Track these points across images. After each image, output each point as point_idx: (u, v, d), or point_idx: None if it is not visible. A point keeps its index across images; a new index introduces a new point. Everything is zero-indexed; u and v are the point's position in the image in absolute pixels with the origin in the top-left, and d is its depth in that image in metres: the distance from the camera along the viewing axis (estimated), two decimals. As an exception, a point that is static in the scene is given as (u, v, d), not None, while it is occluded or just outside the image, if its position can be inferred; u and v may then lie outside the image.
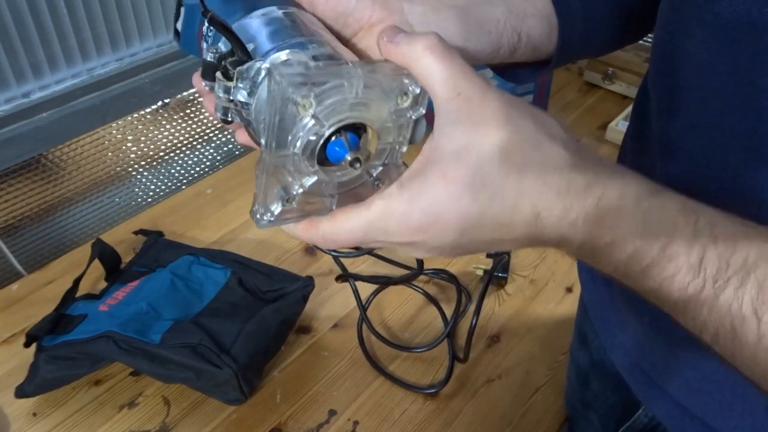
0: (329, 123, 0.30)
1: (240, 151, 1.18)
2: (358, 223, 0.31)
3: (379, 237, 0.31)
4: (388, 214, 0.30)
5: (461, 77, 0.30)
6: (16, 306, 0.82)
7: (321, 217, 0.33)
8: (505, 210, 0.30)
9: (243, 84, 0.32)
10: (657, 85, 0.42)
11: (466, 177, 0.29)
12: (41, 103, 0.86)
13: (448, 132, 0.30)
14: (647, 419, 0.55)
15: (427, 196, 0.29)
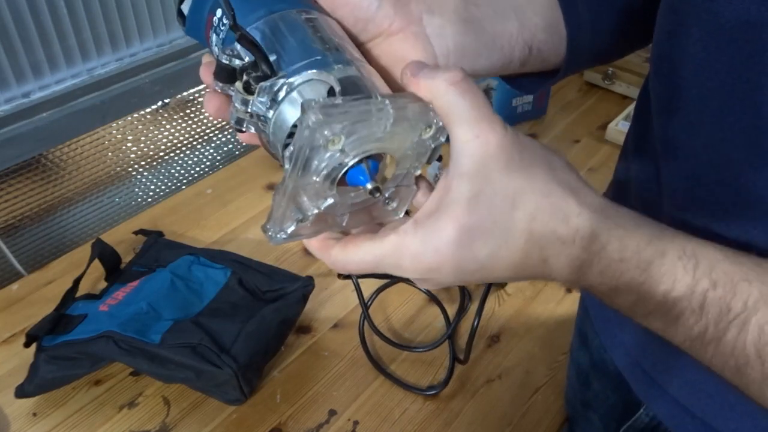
0: (354, 153, 0.31)
1: (240, 151, 1.18)
2: (370, 256, 0.33)
3: (390, 270, 0.33)
4: (400, 251, 0.32)
5: (481, 118, 0.31)
6: (16, 306, 0.82)
7: (334, 243, 0.34)
8: (515, 255, 0.31)
9: (263, 98, 0.32)
10: (657, 85, 0.42)
11: (478, 223, 0.30)
12: (41, 103, 0.86)
13: (463, 175, 0.31)
14: (648, 419, 0.55)
15: (440, 239, 0.31)
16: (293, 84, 0.32)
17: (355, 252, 0.33)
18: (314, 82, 0.32)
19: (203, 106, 0.37)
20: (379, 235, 0.33)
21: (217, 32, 0.37)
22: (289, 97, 0.32)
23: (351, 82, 0.32)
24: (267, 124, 0.33)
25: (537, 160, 0.32)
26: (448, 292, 0.84)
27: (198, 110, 1.08)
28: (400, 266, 0.32)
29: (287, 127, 0.32)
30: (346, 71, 0.33)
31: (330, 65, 0.32)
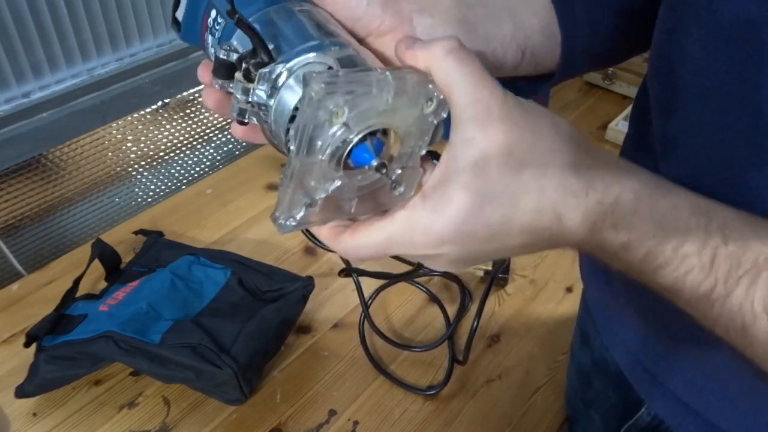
0: (358, 129, 0.30)
1: (240, 151, 1.18)
2: (381, 236, 0.32)
3: (402, 250, 0.32)
4: (411, 226, 0.31)
5: (480, 83, 0.30)
6: (16, 306, 0.82)
7: (343, 229, 0.33)
8: (528, 215, 0.30)
9: (264, 86, 0.32)
10: (656, 85, 0.42)
11: (487, 186, 0.29)
12: (41, 103, 0.86)
13: (467, 141, 0.30)
14: (650, 418, 0.55)
15: (451, 207, 0.30)
16: (292, 68, 0.32)
17: (366, 235, 0.32)
18: (313, 65, 0.32)
19: (203, 102, 0.37)
20: (389, 214, 0.32)
21: (213, 33, 0.37)
22: (289, 81, 0.32)
23: (349, 61, 0.32)
24: (268, 112, 0.32)
25: (541, 120, 0.31)
26: (449, 291, 0.84)
27: (198, 110, 1.08)
28: (412, 242, 0.31)
29: (288, 110, 0.32)
30: (343, 52, 0.33)
31: (327, 47, 0.32)
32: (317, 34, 0.33)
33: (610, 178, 0.31)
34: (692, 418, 0.48)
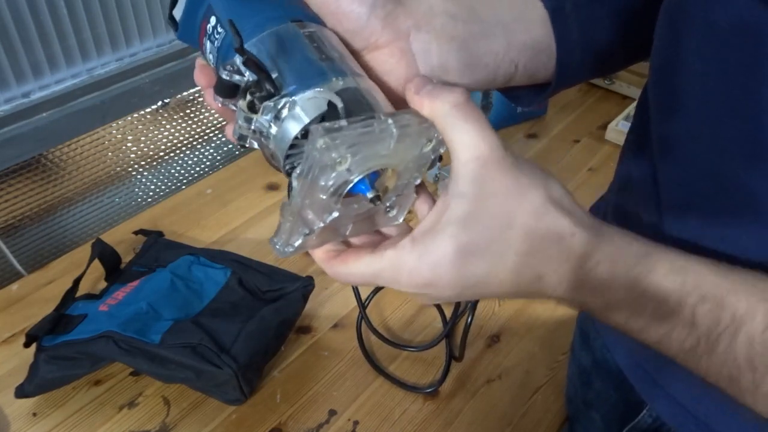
0: (359, 171, 0.32)
1: (240, 151, 1.18)
2: (369, 269, 0.34)
3: (388, 283, 0.34)
4: (398, 266, 0.33)
5: (482, 141, 0.31)
6: (16, 306, 0.82)
7: (335, 254, 0.35)
8: (510, 273, 0.32)
9: (267, 116, 0.33)
10: (656, 90, 0.42)
11: (473, 243, 0.31)
12: (41, 103, 0.86)
13: (461, 194, 0.32)
14: (651, 419, 0.55)
15: (437, 255, 0.32)
16: (296, 102, 0.32)
17: (354, 265, 0.34)
18: (316, 99, 0.32)
19: (203, 106, 0.38)
20: (378, 251, 0.34)
21: (212, 40, 0.37)
22: (292, 113, 0.32)
23: (352, 95, 0.33)
24: (269, 138, 0.33)
25: (534, 183, 0.32)
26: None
27: (198, 110, 1.08)
28: (397, 280, 0.33)
29: (289, 140, 0.33)
30: (346, 84, 0.33)
31: (329, 79, 0.33)
32: (321, 62, 0.34)
33: (589, 245, 0.32)
34: (693, 420, 0.48)
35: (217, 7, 0.37)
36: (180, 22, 0.39)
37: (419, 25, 0.38)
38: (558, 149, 1.14)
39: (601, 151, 1.13)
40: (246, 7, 0.36)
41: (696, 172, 0.39)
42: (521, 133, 1.18)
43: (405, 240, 0.33)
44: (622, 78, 1.25)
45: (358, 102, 0.33)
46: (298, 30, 0.35)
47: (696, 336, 0.32)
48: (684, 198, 0.41)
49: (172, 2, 0.39)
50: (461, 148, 0.31)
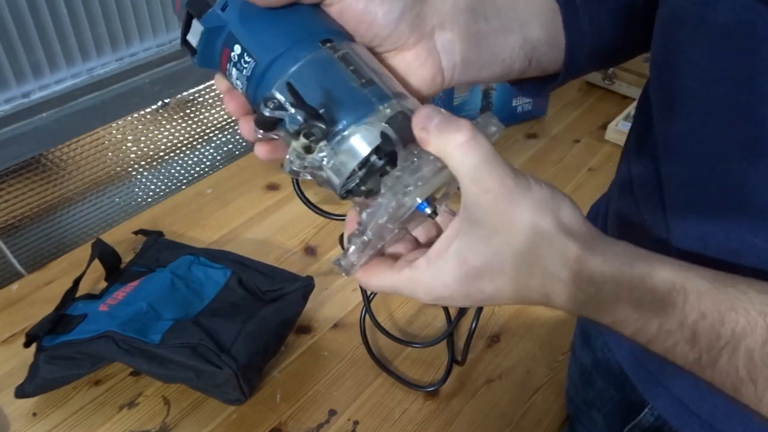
0: (424, 198, 0.36)
1: (240, 151, 1.18)
2: (388, 283, 0.38)
3: (406, 295, 0.38)
4: (414, 283, 0.36)
5: (490, 176, 0.33)
6: (16, 306, 0.82)
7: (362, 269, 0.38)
8: (519, 292, 0.35)
9: (323, 154, 0.35)
10: (658, 92, 0.42)
11: (484, 266, 0.34)
12: (41, 103, 0.86)
13: (472, 223, 0.34)
14: (653, 418, 0.55)
15: (449, 276, 0.35)
16: (350, 137, 0.34)
17: (377, 279, 0.38)
18: (369, 131, 0.34)
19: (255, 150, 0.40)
20: (396, 268, 0.37)
21: (239, 68, 0.37)
22: (348, 147, 0.34)
23: (400, 120, 0.35)
24: (323, 170, 0.35)
25: (543, 207, 0.34)
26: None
27: (198, 110, 1.08)
28: (414, 293, 0.37)
29: (347, 171, 0.35)
30: (392, 109, 0.35)
31: (377, 109, 0.35)
32: (364, 90, 0.35)
33: (596, 268, 0.34)
34: (695, 418, 0.48)
35: (240, 35, 0.36)
36: (198, 48, 0.38)
37: (444, 24, 0.39)
38: (558, 149, 1.14)
39: (601, 151, 1.13)
40: (270, 33, 0.36)
41: (698, 171, 0.40)
42: (521, 133, 1.18)
43: (420, 260, 0.36)
44: (622, 78, 1.25)
45: (406, 126, 0.35)
46: (332, 55, 0.36)
47: (698, 351, 0.34)
48: (687, 197, 0.41)
49: (183, 28, 0.39)
50: (470, 184, 0.33)
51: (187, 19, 0.38)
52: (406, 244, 0.41)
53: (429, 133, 0.33)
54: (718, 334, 0.33)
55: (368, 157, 0.35)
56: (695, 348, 0.34)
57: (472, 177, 0.33)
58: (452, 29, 0.39)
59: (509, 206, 0.33)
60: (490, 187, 0.33)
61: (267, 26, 0.36)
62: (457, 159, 0.33)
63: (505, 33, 0.41)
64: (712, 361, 0.33)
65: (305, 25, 0.37)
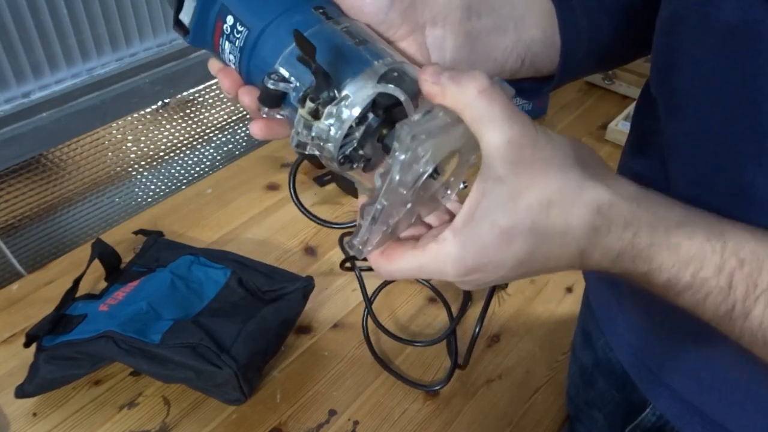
0: (434, 161, 0.33)
1: (240, 151, 1.18)
2: (415, 264, 0.34)
3: (433, 275, 0.34)
4: (442, 258, 0.33)
5: (514, 123, 0.31)
6: (16, 306, 0.82)
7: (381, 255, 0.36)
8: (553, 249, 0.33)
9: (330, 120, 0.33)
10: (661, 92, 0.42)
11: (516, 225, 0.31)
12: (41, 103, 0.86)
13: (498, 179, 0.31)
14: (655, 418, 0.55)
15: (480, 242, 0.32)
16: (346, 95, 0.33)
17: (399, 262, 0.35)
18: (364, 86, 0.33)
19: (250, 130, 0.38)
20: (420, 245, 0.34)
21: (231, 40, 0.37)
22: (344, 103, 0.33)
23: (396, 77, 0.34)
24: (330, 141, 0.34)
25: (569, 158, 0.32)
26: (452, 288, 0.84)
27: (198, 110, 1.08)
28: (443, 271, 0.33)
29: (344, 129, 0.33)
30: (390, 65, 0.34)
31: (372, 63, 0.34)
32: (368, 55, 0.34)
33: (630, 214, 0.33)
34: (698, 418, 0.48)
35: (232, 4, 0.36)
36: (191, 25, 0.38)
37: (435, 20, 0.38)
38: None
39: (601, 151, 1.13)
40: (263, 1, 0.36)
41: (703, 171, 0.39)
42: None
43: (446, 232, 0.33)
44: (622, 78, 1.25)
45: (406, 80, 0.34)
46: (326, 19, 0.35)
47: (732, 301, 0.33)
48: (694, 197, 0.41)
49: (177, 6, 0.38)
50: (492, 133, 0.31)
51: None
52: (419, 228, 0.38)
53: (442, 85, 0.31)
54: (755, 283, 0.32)
55: (364, 112, 0.33)
56: (729, 297, 0.33)
57: (496, 125, 0.31)
58: (444, 26, 0.39)
59: (534, 155, 0.31)
60: (514, 134, 0.31)
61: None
62: (478, 107, 0.31)
63: (498, 32, 0.41)
64: (745, 311, 0.33)
65: None
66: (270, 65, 0.36)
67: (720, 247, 0.33)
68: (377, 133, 0.35)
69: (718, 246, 0.33)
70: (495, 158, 0.31)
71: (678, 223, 0.33)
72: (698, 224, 0.33)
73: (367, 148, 0.35)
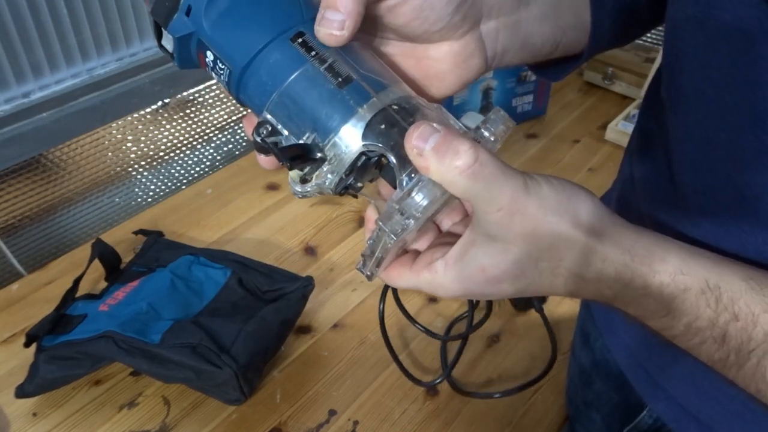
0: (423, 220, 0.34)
1: (240, 151, 1.18)
2: (409, 283, 0.37)
3: (427, 292, 0.38)
4: (433, 285, 0.36)
5: (500, 195, 0.31)
6: (16, 306, 0.82)
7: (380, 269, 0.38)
8: (542, 290, 0.35)
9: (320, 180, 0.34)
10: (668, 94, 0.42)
11: (505, 272, 0.33)
12: (41, 103, 0.86)
13: (488, 236, 0.33)
14: (652, 420, 0.55)
15: (469, 280, 0.34)
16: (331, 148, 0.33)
17: (397, 278, 0.38)
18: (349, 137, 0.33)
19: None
20: (415, 270, 0.37)
21: (216, 73, 0.36)
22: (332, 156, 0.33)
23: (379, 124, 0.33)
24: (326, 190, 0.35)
25: (560, 211, 0.32)
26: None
27: (198, 110, 1.08)
28: (435, 292, 0.37)
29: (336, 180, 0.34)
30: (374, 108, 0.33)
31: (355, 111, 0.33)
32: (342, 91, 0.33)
33: (622, 267, 0.33)
34: (694, 423, 0.48)
35: (210, 41, 0.35)
36: (174, 53, 0.37)
37: (491, 12, 0.38)
38: (558, 149, 1.14)
39: (601, 151, 1.13)
40: (239, 35, 0.34)
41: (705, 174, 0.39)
42: (521, 133, 1.18)
43: (438, 264, 0.35)
44: (622, 78, 1.25)
45: (392, 123, 0.33)
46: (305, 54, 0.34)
47: (726, 350, 0.33)
48: (698, 200, 0.41)
49: (156, 33, 0.37)
50: (480, 204, 0.31)
51: (155, 26, 0.37)
52: (427, 235, 0.40)
53: (426, 159, 0.31)
54: (749, 336, 0.32)
55: (352, 167, 0.34)
56: (723, 348, 0.33)
57: (481, 200, 0.31)
58: (497, 16, 0.38)
59: (524, 219, 0.32)
60: (501, 205, 0.31)
61: (235, 27, 0.34)
62: (461, 186, 0.31)
63: (541, 20, 0.41)
64: (740, 362, 0.33)
65: (275, 20, 0.34)
66: (257, 106, 0.35)
67: (714, 300, 0.33)
68: (373, 169, 0.35)
69: (712, 300, 0.33)
70: (484, 222, 0.32)
71: (672, 274, 0.33)
72: (693, 273, 0.33)
73: (365, 178, 0.36)
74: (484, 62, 0.39)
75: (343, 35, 0.33)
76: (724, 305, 0.33)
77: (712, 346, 0.33)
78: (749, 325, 0.32)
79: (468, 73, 0.39)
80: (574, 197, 0.33)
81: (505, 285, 0.34)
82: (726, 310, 0.33)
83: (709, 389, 0.46)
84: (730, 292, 0.33)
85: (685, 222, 0.42)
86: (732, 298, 0.33)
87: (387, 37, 0.39)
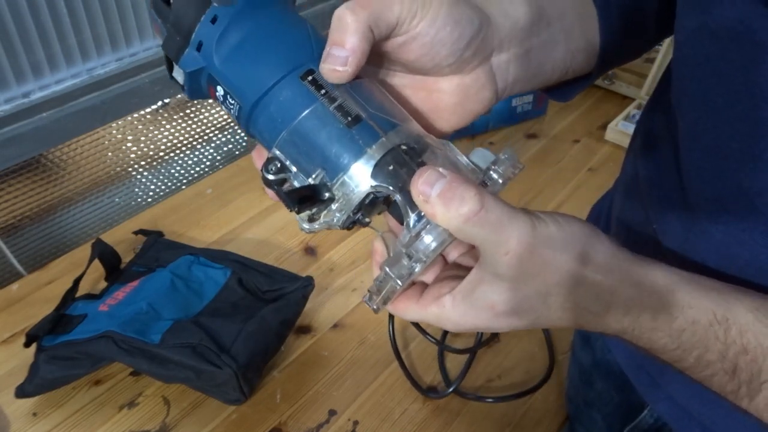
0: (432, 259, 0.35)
1: (240, 151, 1.18)
2: (416, 316, 0.37)
3: (432, 325, 0.38)
4: (441, 319, 0.36)
5: (508, 239, 0.31)
6: (16, 306, 0.82)
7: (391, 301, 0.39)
8: (551, 323, 0.35)
9: (327, 219, 0.35)
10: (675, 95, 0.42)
11: (512, 308, 0.33)
12: (41, 103, 0.86)
13: (497, 276, 0.33)
14: (653, 419, 0.55)
15: (478, 317, 0.34)
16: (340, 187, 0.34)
17: (404, 311, 0.38)
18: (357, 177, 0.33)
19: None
20: (422, 304, 0.37)
21: (227, 107, 0.36)
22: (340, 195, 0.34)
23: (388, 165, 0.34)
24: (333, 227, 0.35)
25: (568, 250, 0.33)
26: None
27: (198, 110, 1.08)
28: (442, 326, 0.37)
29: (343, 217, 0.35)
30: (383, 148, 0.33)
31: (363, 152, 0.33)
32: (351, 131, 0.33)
33: (630, 301, 0.33)
34: (696, 424, 0.48)
35: (220, 77, 0.35)
36: (185, 85, 0.37)
37: (502, 45, 0.38)
38: (558, 149, 1.14)
39: (601, 151, 1.13)
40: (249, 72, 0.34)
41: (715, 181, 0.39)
42: (521, 133, 1.18)
43: (446, 299, 0.35)
44: (622, 78, 1.25)
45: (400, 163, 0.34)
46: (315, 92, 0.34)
47: (737, 383, 0.34)
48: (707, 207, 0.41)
49: (168, 65, 0.37)
50: (487, 249, 0.32)
51: (167, 60, 0.37)
52: (434, 267, 0.40)
53: (432, 206, 0.31)
54: (760, 369, 0.33)
55: (360, 206, 0.34)
56: (734, 380, 0.34)
57: (489, 244, 0.31)
58: (509, 49, 0.38)
59: (532, 259, 0.32)
60: (508, 249, 0.31)
61: (245, 64, 0.34)
62: (467, 233, 0.31)
63: (552, 46, 0.41)
64: (751, 394, 0.33)
65: (285, 56, 0.34)
66: (266, 141, 0.35)
67: (723, 333, 0.33)
68: (381, 204, 0.35)
69: (721, 332, 0.33)
70: (493, 263, 0.32)
71: (681, 308, 0.33)
72: (702, 306, 0.34)
73: (372, 213, 0.36)
74: (495, 94, 0.39)
75: (347, 71, 0.33)
76: (732, 338, 0.33)
77: (723, 378, 0.34)
78: (759, 357, 0.33)
79: (478, 106, 0.39)
80: (582, 234, 0.33)
81: (514, 320, 0.34)
82: (735, 343, 0.33)
83: (708, 392, 0.46)
84: (738, 324, 0.33)
85: (695, 230, 0.42)
86: (740, 330, 0.33)
87: (397, 70, 0.39)
